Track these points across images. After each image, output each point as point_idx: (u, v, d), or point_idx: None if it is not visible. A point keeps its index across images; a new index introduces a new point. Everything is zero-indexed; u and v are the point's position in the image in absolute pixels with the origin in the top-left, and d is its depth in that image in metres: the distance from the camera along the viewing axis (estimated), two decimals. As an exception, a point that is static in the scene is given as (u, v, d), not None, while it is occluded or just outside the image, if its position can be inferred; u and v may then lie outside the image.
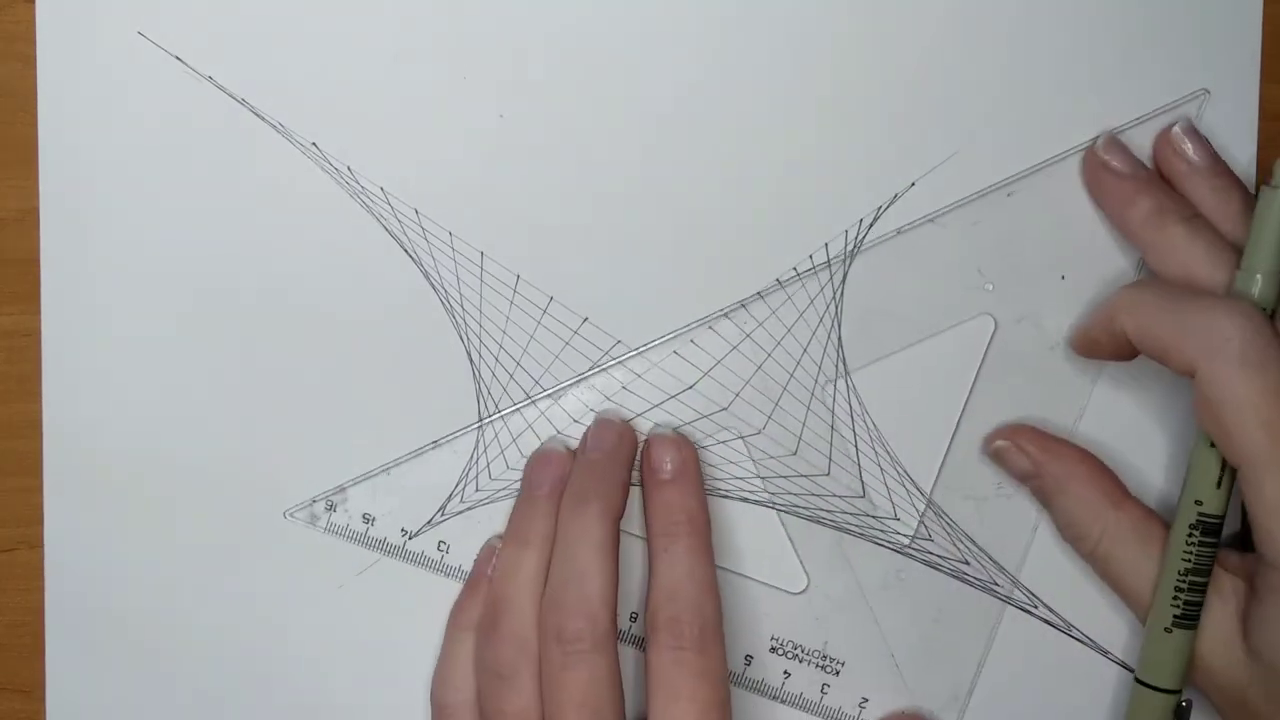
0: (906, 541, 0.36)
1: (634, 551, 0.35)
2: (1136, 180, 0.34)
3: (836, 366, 0.35)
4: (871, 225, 0.35)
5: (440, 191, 0.35)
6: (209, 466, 0.35)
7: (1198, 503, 0.32)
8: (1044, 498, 0.35)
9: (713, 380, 0.35)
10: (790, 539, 0.36)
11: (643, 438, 0.35)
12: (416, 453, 0.35)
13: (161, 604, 0.36)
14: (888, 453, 0.36)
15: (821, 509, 0.35)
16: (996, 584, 0.36)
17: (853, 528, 0.36)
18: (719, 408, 0.36)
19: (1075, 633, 0.36)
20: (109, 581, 0.36)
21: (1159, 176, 0.34)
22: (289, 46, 0.35)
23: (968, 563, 0.36)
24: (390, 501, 0.36)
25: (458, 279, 0.35)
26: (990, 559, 0.36)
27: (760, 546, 0.36)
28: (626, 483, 0.34)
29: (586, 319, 0.35)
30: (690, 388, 0.36)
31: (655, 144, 0.35)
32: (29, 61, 0.34)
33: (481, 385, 0.35)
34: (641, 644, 0.35)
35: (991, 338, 0.35)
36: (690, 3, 0.35)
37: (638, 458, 0.35)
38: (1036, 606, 0.36)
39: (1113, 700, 0.36)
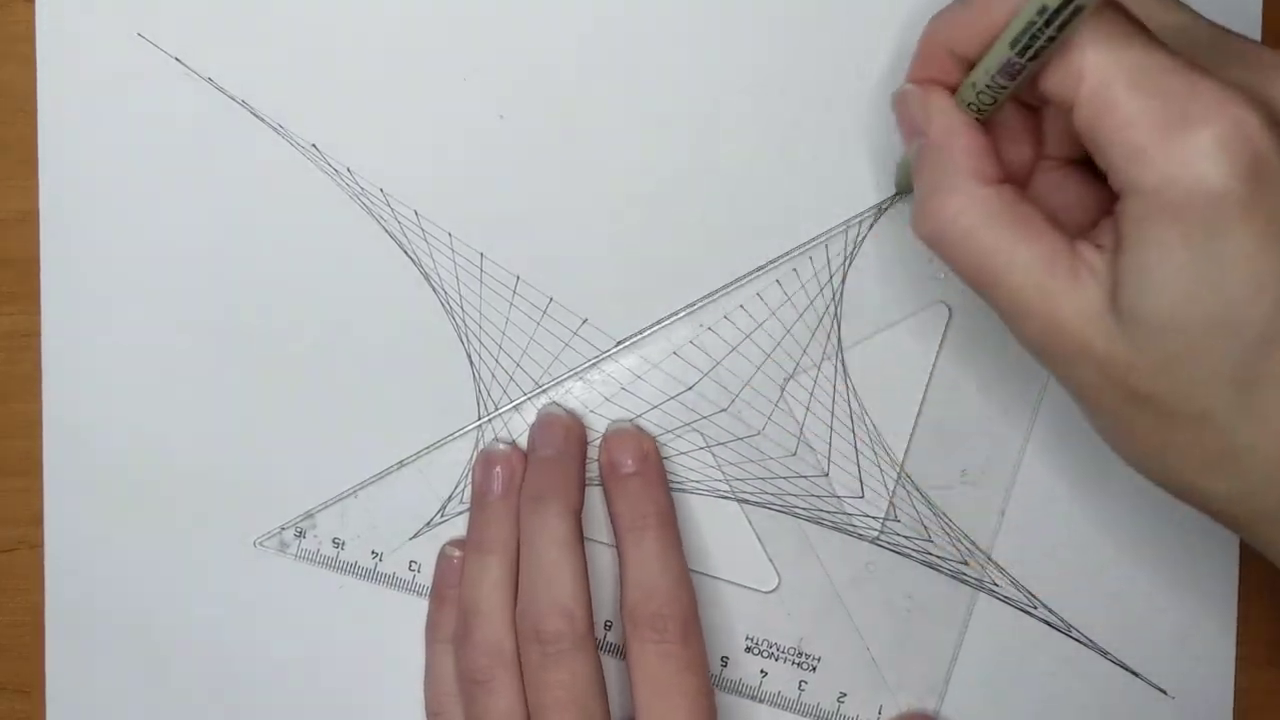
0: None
1: (600, 559, 0.35)
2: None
3: (836, 367, 0.35)
4: (873, 225, 0.35)
5: (440, 192, 0.35)
6: (209, 466, 0.35)
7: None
8: (914, 164, 0.29)
9: (712, 381, 0.36)
10: (758, 538, 0.36)
11: (592, 432, 0.35)
12: (381, 474, 0.35)
13: (161, 604, 0.36)
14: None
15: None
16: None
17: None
18: (719, 408, 0.36)
19: (1075, 633, 0.36)
20: (109, 581, 0.36)
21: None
22: (289, 47, 0.35)
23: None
24: (359, 524, 0.36)
25: (457, 279, 0.35)
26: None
27: (729, 547, 0.36)
28: (582, 477, 0.34)
29: (586, 320, 0.35)
30: (690, 388, 0.35)
31: (656, 144, 0.35)
32: (29, 61, 0.34)
33: (481, 386, 0.35)
34: (617, 652, 0.35)
35: (947, 325, 0.35)
36: (690, 2, 0.35)
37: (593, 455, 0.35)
38: (1036, 607, 0.36)
39: (1113, 700, 0.36)
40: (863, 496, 0.36)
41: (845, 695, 0.36)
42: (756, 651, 0.36)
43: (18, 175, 0.35)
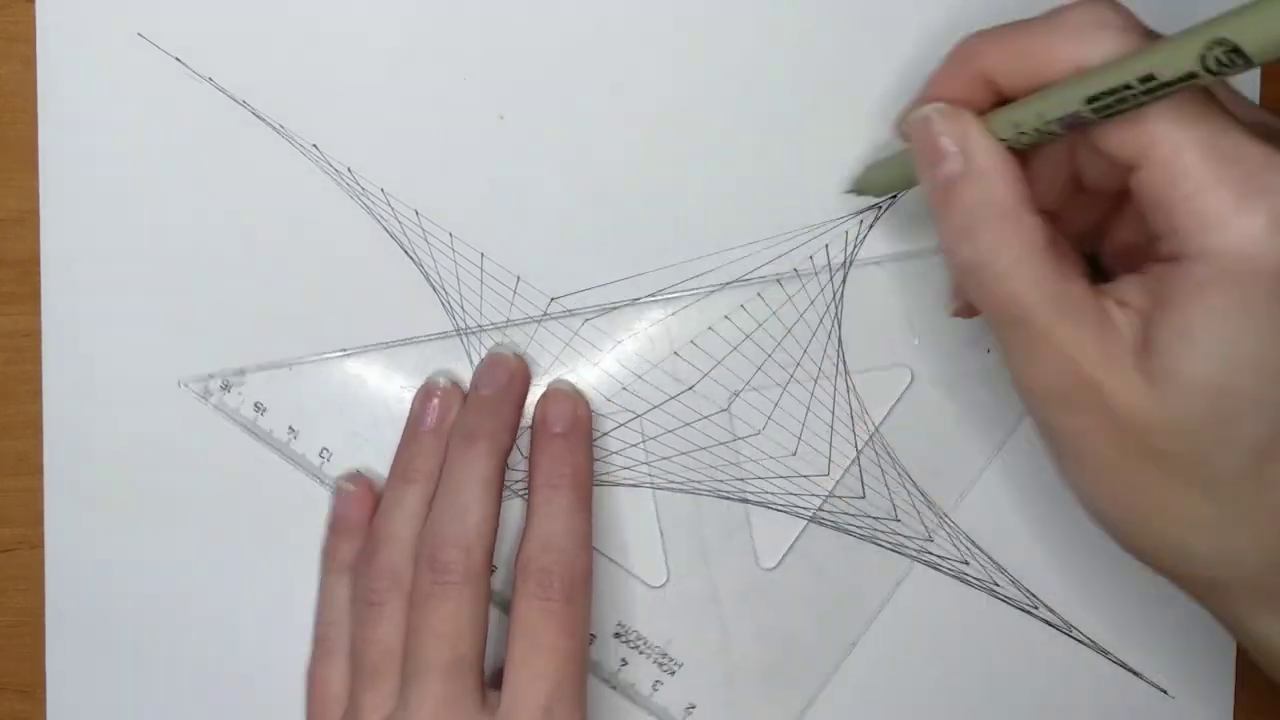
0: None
1: (511, 510, 0.35)
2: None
3: (836, 367, 0.35)
4: (871, 226, 0.35)
5: (440, 192, 0.35)
6: (209, 466, 0.35)
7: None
8: (947, 191, 0.28)
9: (712, 381, 0.36)
10: (661, 533, 0.36)
11: (536, 382, 0.35)
12: (322, 356, 0.35)
13: (161, 604, 0.36)
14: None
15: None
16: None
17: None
18: (719, 408, 0.36)
19: (1075, 633, 0.36)
20: (109, 581, 0.36)
21: None
22: (289, 48, 0.35)
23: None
24: (285, 396, 0.35)
25: (458, 279, 0.35)
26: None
27: (631, 534, 0.36)
28: (516, 423, 0.34)
29: (586, 320, 0.35)
30: (690, 389, 0.36)
31: (656, 145, 0.35)
32: (29, 61, 0.34)
33: (481, 386, 0.35)
34: (505, 605, 0.35)
35: (905, 390, 0.35)
36: (691, 2, 0.35)
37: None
38: (1037, 607, 0.36)
39: (1113, 700, 0.36)
40: (863, 496, 0.36)
41: (694, 708, 0.36)
42: (624, 639, 0.36)
43: (18, 175, 0.35)
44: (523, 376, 0.35)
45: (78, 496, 0.35)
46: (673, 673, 0.36)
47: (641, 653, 0.36)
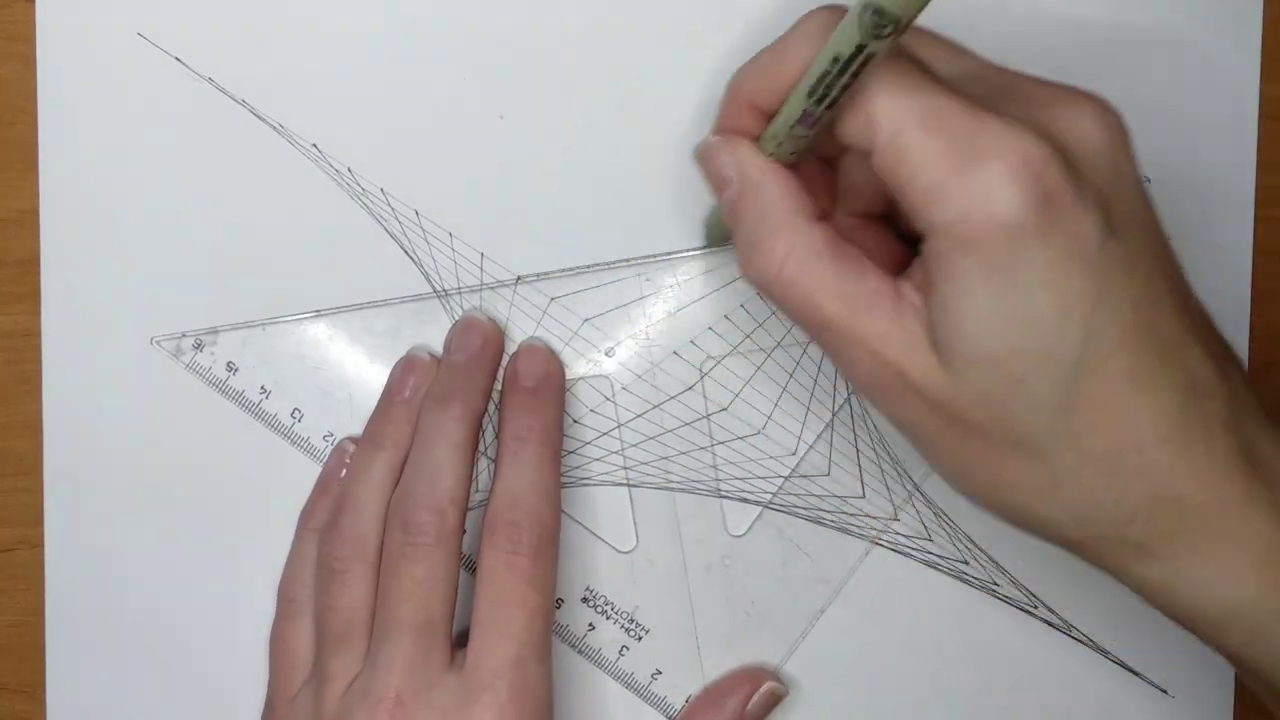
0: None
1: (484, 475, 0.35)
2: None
3: (837, 369, 0.35)
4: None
5: (440, 192, 0.35)
6: (209, 466, 0.35)
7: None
8: (731, 212, 0.29)
9: (712, 380, 0.36)
10: (631, 499, 0.36)
11: (511, 345, 0.35)
12: (295, 316, 0.35)
13: (161, 604, 0.36)
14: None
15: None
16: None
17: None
18: (719, 408, 0.36)
19: (1075, 633, 0.36)
20: (109, 581, 0.36)
21: None
22: (289, 48, 0.35)
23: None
24: (257, 356, 0.35)
25: (458, 279, 0.35)
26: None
27: (600, 499, 0.36)
28: (489, 387, 0.34)
29: (586, 320, 0.35)
30: (690, 388, 0.36)
31: (657, 144, 0.35)
32: (29, 61, 0.34)
33: (481, 385, 0.35)
34: (473, 569, 0.35)
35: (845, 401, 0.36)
36: (690, 2, 0.35)
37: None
38: (1036, 607, 0.36)
39: (1113, 700, 0.36)
40: (863, 496, 0.36)
41: (660, 674, 0.36)
42: (591, 604, 0.36)
43: (18, 175, 0.35)
44: (497, 342, 0.35)
45: (78, 496, 0.35)
46: (640, 638, 0.36)
47: (609, 618, 0.36)
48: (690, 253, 0.35)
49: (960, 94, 0.25)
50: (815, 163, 0.30)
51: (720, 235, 0.35)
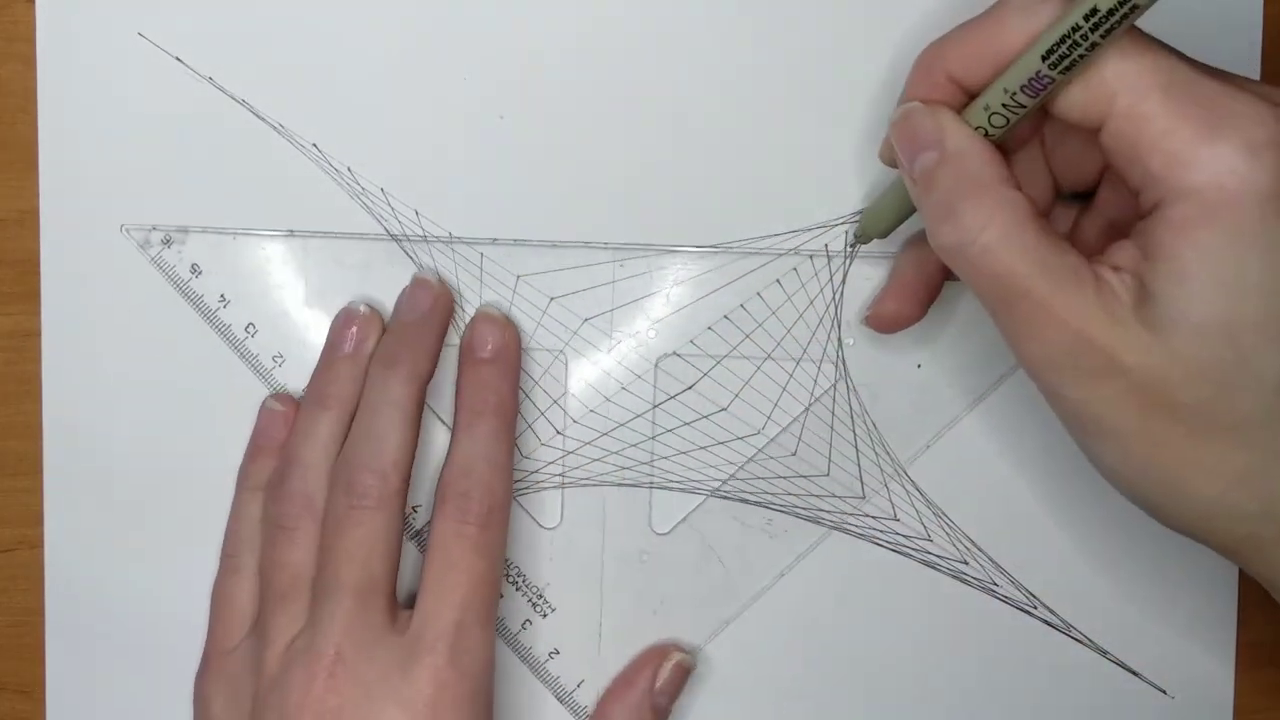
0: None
1: (437, 439, 0.35)
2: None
3: (836, 368, 0.35)
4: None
5: (440, 191, 0.35)
6: (208, 466, 0.35)
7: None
8: (926, 179, 0.28)
9: (712, 380, 0.36)
10: (563, 475, 0.36)
11: (463, 309, 0.35)
12: (267, 230, 0.35)
13: (161, 604, 0.36)
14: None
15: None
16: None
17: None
18: (719, 408, 0.36)
19: (1075, 633, 0.36)
20: (109, 581, 0.36)
21: None
22: (289, 47, 0.35)
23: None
24: (222, 262, 0.35)
25: (458, 279, 0.35)
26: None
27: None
28: (437, 348, 0.34)
29: (586, 320, 0.35)
30: (690, 388, 0.36)
31: (657, 144, 0.35)
32: (29, 61, 0.34)
33: (481, 385, 0.35)
34: (422, 542, 0.35)
35: (831, 389, 0.36)
36: (690, 2, 0.35)
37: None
38: (1036, 607, 0.36)
39: (1113, 700, 0.36)
40: (863, 496, 0.36)
41: (557, 653, 0.36)
42: (503, 574, 0.36)
43: (18, 175, 0.35)
44: (446, 303, 0.35)
45: (78, 496, 0.35)
46: (545, 615, 0.36)
47: (518, 589, 0.36)
48: (690, 251, 0.35)
49: (1196, 63, 0.25)
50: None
51: (877, 227, 0.34)
